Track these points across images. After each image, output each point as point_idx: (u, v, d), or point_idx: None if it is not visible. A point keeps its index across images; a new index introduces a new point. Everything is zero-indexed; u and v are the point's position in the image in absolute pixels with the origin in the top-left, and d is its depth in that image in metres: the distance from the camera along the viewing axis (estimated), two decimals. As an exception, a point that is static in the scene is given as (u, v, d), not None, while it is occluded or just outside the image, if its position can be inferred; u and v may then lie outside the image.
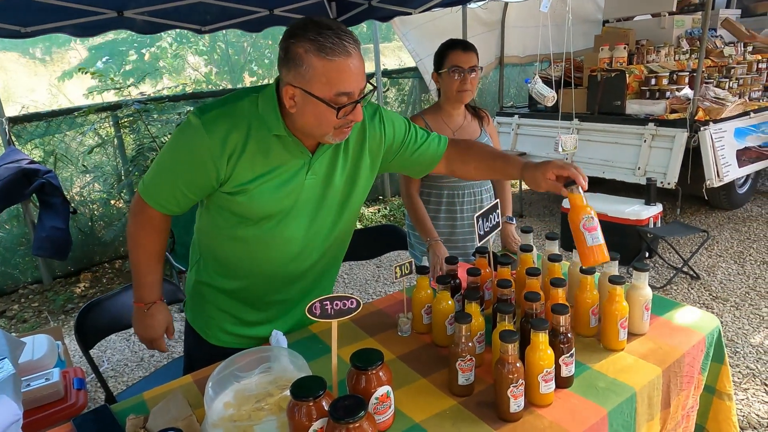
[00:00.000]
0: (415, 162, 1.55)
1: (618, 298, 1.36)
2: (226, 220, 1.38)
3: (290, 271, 1.48)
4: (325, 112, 1.20)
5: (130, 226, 1.42)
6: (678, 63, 5.06)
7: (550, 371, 1.17)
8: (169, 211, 1.37)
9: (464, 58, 1.94)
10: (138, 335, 1.52)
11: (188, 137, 1.27)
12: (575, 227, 1.31)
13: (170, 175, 1.31)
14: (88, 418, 1.26)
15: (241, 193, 1.30)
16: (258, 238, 1.39)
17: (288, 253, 1.44)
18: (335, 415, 0.96)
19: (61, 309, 3.83)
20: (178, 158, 1.30)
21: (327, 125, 1.22)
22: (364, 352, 1.15)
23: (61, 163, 4.12)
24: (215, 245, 1.47)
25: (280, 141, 1.29)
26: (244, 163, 1.27)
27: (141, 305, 1.47)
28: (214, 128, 1.24)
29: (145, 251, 1.43)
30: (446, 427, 1.15)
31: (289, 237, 1.41)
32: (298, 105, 1.21)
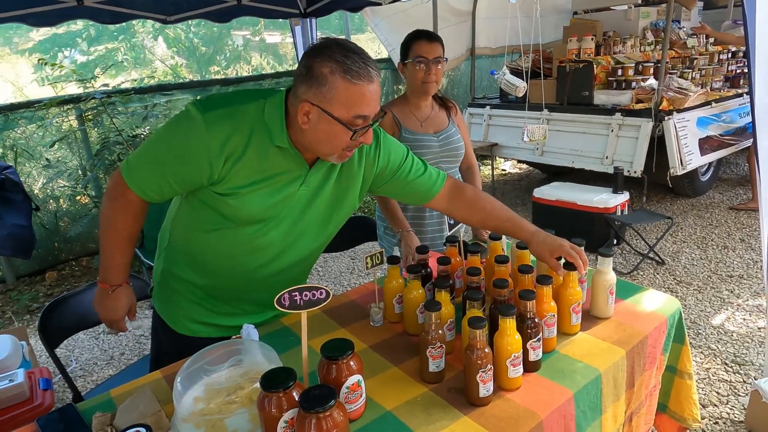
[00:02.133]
0: (406, 193, 1.56)
1: (571, 283, 1.40)
2: (207, 217, 1.35)
3: (264, 274, 1.47)
4: (339, 132, 1.21)
5: (106, 209, 1.36)
6: (643, 54, 5.18)
7: (518, 356, 1.20)
8: (149, 198, 1.33)
9: (428, 49, 1.93)
10: (99, 315, 1.49)
11: (187, 130, 1.23)
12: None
13: (160, 164, 1.27)
14: (52, 417, 1.23)
15: (232, 196, 1.29)
16: (237, 239, 1.38)
17: (264, 258, 1.43)
18: (305, 405, 0.96)
19: (26, 309, 3.72)
20: (172, 149, 1.26)
21: (337, 145, 1.24)
22: (335, 342, 1.15)
23: (21, 158, 3.97)
24: (190, 239, 1.44)
25: (280, 151, 1.28)
26: (240, 167, 1.25)
27: (106, 286, 1.44)
28: (216, 128, 1.21)
29: (118, 234, 1.38)
30: (417, 414, 1.16)
31: (267, 242, 1.40)
32: (312, 122, 1.21)
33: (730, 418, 2.20)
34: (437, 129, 2.04)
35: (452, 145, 2.03)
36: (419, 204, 1.60)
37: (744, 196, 5.04)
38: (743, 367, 2.53)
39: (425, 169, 1.54)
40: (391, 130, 1.99)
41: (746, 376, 2.46)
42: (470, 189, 1.59)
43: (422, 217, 2.04)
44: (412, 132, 1.98)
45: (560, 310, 1.38)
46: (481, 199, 1.56)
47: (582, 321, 1.44)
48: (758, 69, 1.84)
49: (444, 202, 1.57)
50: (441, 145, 2.01)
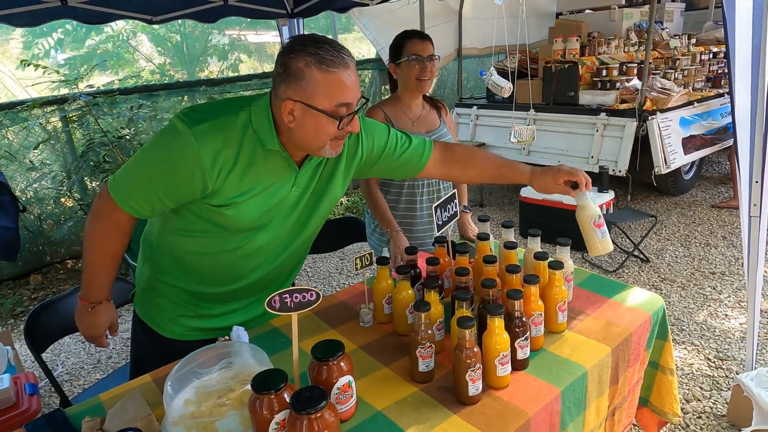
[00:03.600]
0: (397, 169, 1.57)
1: (557, 282, 1.43)
2: (198, 226, 1.35)
3: (255, 275, 1.48)
4: (325, 124, 1.21)
5: (92, 228, 1.34)
6: (627, 54, 5.25)
7: (506, 354, 1.22)
8: (139, 214, 1.31)
9: (422, 47, 1.96)
10: (80, 331, 1.48)
11: (177, 146, 1.21)
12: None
13: (150, 180, 1.25)
14: (41, 422, 1.23)
15: (227, 207, 1.29)
16: (228, 246, 1.38)
17: (254, 260, 1.44)
18: (297, 406, 0.97)
19: (10, 313, 3.67)
20: (162, 166, 1.24)
21: (325, 137, 1.23)
22: (325, 343, 1.16)
23: (4, 160, 3.91)
24: (178, 246, 1.43)
25: (271, 156, 1.29)
26: (233, 177, 1.25)
27: (86, 303, 1.43)
28: (206, 142, 1.20)
29: (105, 254, 1.37)
30: (408, 413, 1.18)
31: (258, 246, 1.41)
32: (297, 119, 1.22)
33: (713, 412, 2.25)
34: (429, 128, 2.05)
35: (441, 145, 2.05)
36: (413, 176, 1.60)
37: (725, 194, 5.13)
38: (725, 362, 2.59)
39: (410, 142, 1.55)
40: (380, 130, 2.00)
41: (728, 371, 2.51)
42: (459, 147, 1.63)
43: (413, 217, 2.06)
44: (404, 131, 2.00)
45: (547, 308, 1.40)
46: (472, 153, 1.60)
47: (568, 320, 1.47)
48: (738, 69, 1.88)
49: (437, 168, 1.58)
50: (431, 145, 2.02)
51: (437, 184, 2.08)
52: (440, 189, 2.09)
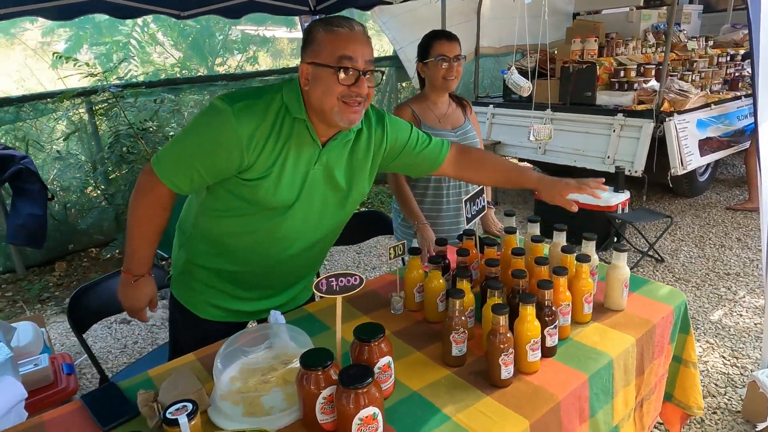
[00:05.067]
0: (416, 165, 1.65)
1: (584, 274, 1.48)
2: (233, 204, 1.42)
3: (286, 255, 1.53)
4: (329, 79, 1.28)
5: (136, 202, 1.42)
6: (645, 56, 5.27)
7: (537, 341, 1.28)
8: (179, 189, 1.39)
9: (449, 48, 2.01)
10: (122, 304, 1.55)
11: (218, 123, 1.30)
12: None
13: (192, 156, 1.34)
14: (96, 394, 1.30)
15: (259, 180, 1.35)
16: (262, 225, 1.44)
17: (286, 243, 1.50)
18: (346, 381, 1.03)
19: (37, 298, 3.77)
20: (203, 143, 1.32)
21: (332, 94, 1.29)
22: (367, 325, 1.22)
23: (32, 149, 4.02)
24: (214, 228, 1.50)
25: (297, 125, 1.36)
26: (266, 151, 1.33)
27: (129, 276, 1.49)
28: (245, 119, 1.29)
29: (148, 227, 1.44)
30: (442, 394, 1.24)
31: (289, 228, 1.46)
32: (311, 81, 1.31)
33: (728, 408, 2.29)
34: (454, 125, 2.11)
35: (469, 141, 2.11)
36: (429, 173, 1.68)
37: (740, 196, 5.14)
38: (740, 360, 2.63)
39: (430, 141, 1.63)
40: (409, 127, 2.06)
41: (743, 368, 2.55)
42: (475, 150, 1.71)
43: (438, 210, 2.12)
44: (431, 127, 2.06)
45: (574, 299, 1.46)
46: (486, 157, 1.69)
47: (593, 312, 1.53)
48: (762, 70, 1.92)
49: (452, 167, 1.67)
50: (459, 141, 2.08)
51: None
52: (468, 184, 2.14)
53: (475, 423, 1.14)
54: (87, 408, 1.24)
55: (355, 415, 1.03)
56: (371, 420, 1.04)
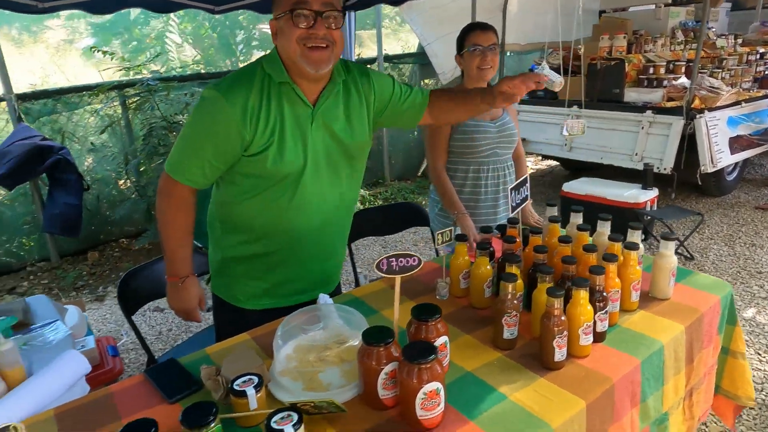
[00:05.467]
0: (404, 114, 1.64)
1: (632, 262, 1.49)
2: (248, 184, 1.45)
3: (311, 226, 1.53)
4: (288, 26, 1.31)
5: (161, 207, 1.47)
6: (673, 53, 5.22)
7: (589, 325, 1.29)
8: (196, 184, 1.44)
9: (483, 37, 2.03)
10: (173, 308, 1.57)
11: (210, 110, 1.35)
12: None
13: (198, 148, 1.39)
14: (159, 368, 1.35)
15: (262, 152, 1.38)
16: (279, 196, 1.46)
17: (308, 208, 1.50)
18: (410, 356, 1.06)
19: (72, 286, 3.87)
20: (202, 131, 1.38)
21: (292, 40, 1.32)
22: (423, 306, 1.25)
23: (68, 141, 4.11)
24: (238, 214, 1.52)
25: (283, 90, 1.39)
26: (261, 122, 1.37)
27: (175, 279, 1.52)
28: (233, 96, 1.34)
29: (177, 228, 1.48)
30: (496, 375, 1.26)
31: (306, 195, 1.48)
32: (277, 35, 1.37)
33: (765, 404, 2.28)
34: (493, 117, 2.13)
35: (507, 132, 2.13)
36: (414, 124, 1.67)
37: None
38: (776, 357, 2.61)
39: (411, 90, 1.64)
40: (449, 117, 2.08)
41: (779, 366, 2.54)
42: (441, 91, 1.68)
43: (476, 201, 2.14)
44: (471, 118, 2.08)
45: (622, 287, 1.47)
46: (451, 94, 1.67)
47: (639, 300, 1.54)
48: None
49: (432, 114, 1.66)
50: (497, 132, 2.10)
51: (503, 169, 2.15)
52: (506, 174, 2.16)
53: (533, 402, 1.16)
54: (152, 381, 1.29)
55: (419, 389, 1.06)
56: (434, 395, 1.07)
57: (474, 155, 2.09)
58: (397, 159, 6.37)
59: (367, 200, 5.57)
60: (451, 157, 2.13)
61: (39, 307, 1.87)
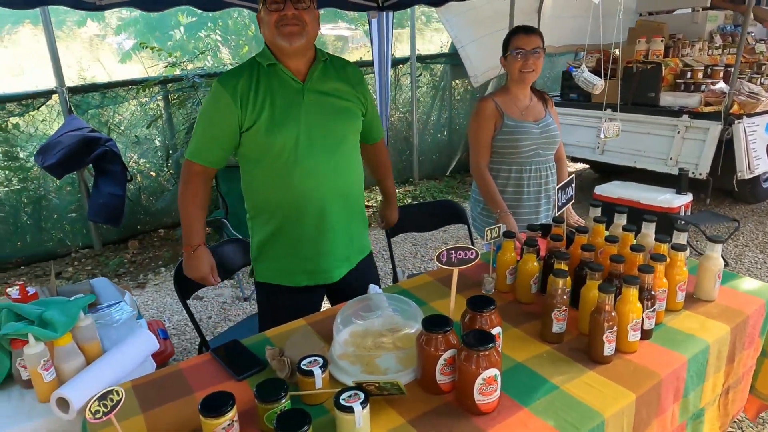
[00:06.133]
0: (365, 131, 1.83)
1: (679, 263, 1.52)
2: (253, 160, 1.65)
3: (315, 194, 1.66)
4: (266, 15, 1.55)
5: (182, 187, 1.69)
6: (711, 57, 5.16)
7: (638, 322, 1.33)
8: (210, 163, 1.66)
9: (526, 41, 2.07)
10: (189, 274, 1.74)
11: (213, 96, 1.62)
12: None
13: (206, 129, 1.64)
14: (222, 349, 1.43)
15: (256, 125, 1.58)
16: (287, 165, 1.62)
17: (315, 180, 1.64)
18: (471, 343, 1.12)
19: (114, 273, 4.02)
20: (208, 115, 1.64)
21: (270, 25, 1.54)
22: (478, 297, 1.31)
23: (114, 133, 4.28)
24: (254, 193, 1.72)
25: (273, 72, 1.61)
26: (251, 99, 1.58)
27: (189, 248, 1.71)
28: (226, 81, 1.60)
29: (192, 202, 1.69)
30: (546, 366, 1.32)
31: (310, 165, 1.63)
32: (261, 24, 1.60)
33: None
34: (536, 118, 2.17)
35: (550, 133, 2.17)
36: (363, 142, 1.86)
37: (808, 205, 4.97)
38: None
39: (375, 120, 1.89)
40: (493, 118, 2.13)
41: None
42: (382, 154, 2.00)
43: (519, 200, 2.18)
44: (514, 119, 2.12)
45: (668, 287, 1.51)
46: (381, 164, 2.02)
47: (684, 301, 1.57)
48: None
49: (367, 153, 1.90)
50: (540, 133, 2.14)
51: (545, 170, 2.19)
52: (548, 174, 2.20)
53: (584, 393, 1.21)
54: (219, 360, 1.38)
55: (478, 375, 1.12)
56: (492, 381, 1.13)
57: (517, 155, 2.14)
58: (426, 158, 6.42)
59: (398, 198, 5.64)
60: (495, 157, 2.18)
61: (103, 289, 1.98)
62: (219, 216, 3.72)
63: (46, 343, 1.35)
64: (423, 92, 6.37)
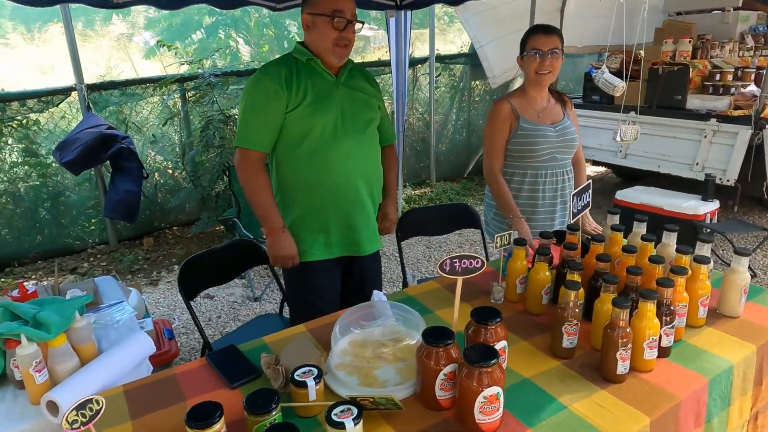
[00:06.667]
0: None
1: (702, 276, 1.43)
2: (295, 138, 1.76)
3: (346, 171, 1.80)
4: (324, 23, 1.71)
5: (244, 177, 1.78)
6: (742, 59, 4.96)
7: (655, 339, 1.25)
8: (263, 146, 1.77)
9: (544, 41, 1.99)
10: (276, 257, 1.82)
11: (256, 86, 1.74)
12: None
13: (258, 117, 1.74)
14: (218, 355, 1.39)
15: (298, 108, 1.72)
16: (319, 145, 1.76)
17: (342, 155, 1.78)
18: (472, 359, 1.05)
19: (128, 269, 4.04)
20: (257, 103, 1.73)
21: (327, 38, 1.72)
22: (482, 309, 1.24)
23: (131, 131, 4.30)
24: (290, 170, 1.81)
25: (311, 67, 1.77)
26: (294, 88, 1.73)
27: (276, 231, 1.79)
28: (270, 72, 1.75)
29: (263, 189, 1.79)
30: (555, 384, 1.24)
31: (340, 141, 1.77)
32: (310, 27, 1.76)
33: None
34: (553, 120, 2.09)
35: (568, 136, 2.08)
36: None
37: (843, 214, 4.74)
38: None
39: (390, 127, 2.05)
40: (509, 120, 2.06)
41: None
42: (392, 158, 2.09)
43: (534, 206, 2.10)
44: (530, 122, 2.04)
45: (690, 301, 1.41)
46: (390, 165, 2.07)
47: (707, 317, 1.47)
48: None
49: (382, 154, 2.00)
50: (557, 136, 2.06)
51: (561, 174, 2.10)
52: (564, 179, 2.11)
53: (594, 414, 1.13)
54: (214, 366, 1.34)
55: (479, 393, 1.05)
56: (494, 399, 1.06)
57: (532, 159, 2.05)
58: (443, 159, 6.34)
59: (412, 199, 5.57)
60: (509, 161, 2.10)
61: (107, 288, 1.96)
62: (231, 215, 3.71)
63: (40, 344, 1.33)
64: (442, 93, 6.29)
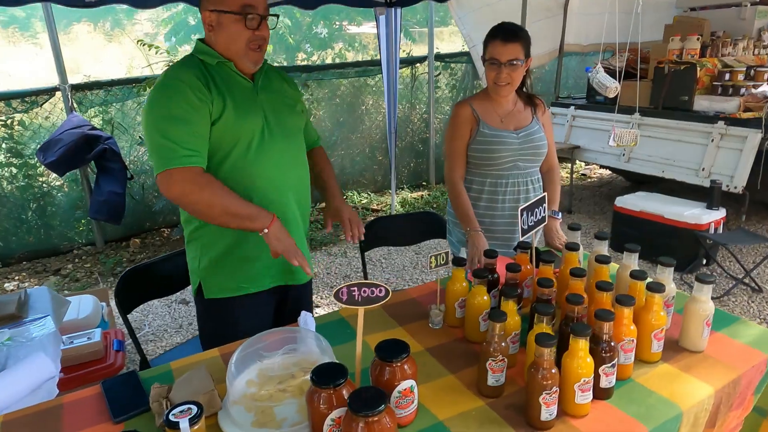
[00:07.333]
0: None
1: (655, 306, 1.26)
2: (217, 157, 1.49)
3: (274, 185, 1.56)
4: (235, 25, 1.44)
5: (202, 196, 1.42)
6: (757, 58, 4.68)
7: (588, 381, 1.09)
8: (202, 160, 1.44)
9: (502, 50, 1.79)
10: (281, 250, 1.47)
11: (178, 94, 1.41)
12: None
13: (186, 127, 1.40)
14: (116, 381, 1.28)
15: (223, 116, 1.45)
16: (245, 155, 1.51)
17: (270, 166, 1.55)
18: (354, 406, 0.92)
19: (111, 271, 4.00)
20: (181, 113, 1.40)
21: (239, 40, 1.46)
22: (391, 342, 1.10)
23: (117, 131, 4.26)
24: None
25: (222, 70, 1.50)
26: (215, 91, 1.46)
27: (273, 223, 1.47)
28: (186, 78, 1.43)
29: (225, 194, 1.44)
30: (472, 428, 1.10)
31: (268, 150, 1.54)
32: (215, 27, 1.47)
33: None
34: (517, 126, 1.92)
35: (533, 143, 1.91)
36: None
37: None
38: None
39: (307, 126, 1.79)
40: (468, 125, 1.91)
41: None
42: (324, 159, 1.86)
43: (493, 216, 1.94)
44: (491, 128, 1.89)
45: (641, 335, 1.25)
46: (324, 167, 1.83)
47: (665, 350, 1.31)
48: None
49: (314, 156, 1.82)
50: (521, 143, 1.89)
51: (525, 184, 1.94)
52: (529, 189, 1.94)
53: (504, 470, 0.98)
54: (105, 396, 1.23)
55: (363, 445, 0.91)
56: (382, 452, 0.92)
57: (492, 167, 1.90)
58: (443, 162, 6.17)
59: (408, 203, 5.41)
60: (469, 168, 1.95)
61: (38, 300, 1.87)
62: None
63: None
64: (443, 92, 6.12)
